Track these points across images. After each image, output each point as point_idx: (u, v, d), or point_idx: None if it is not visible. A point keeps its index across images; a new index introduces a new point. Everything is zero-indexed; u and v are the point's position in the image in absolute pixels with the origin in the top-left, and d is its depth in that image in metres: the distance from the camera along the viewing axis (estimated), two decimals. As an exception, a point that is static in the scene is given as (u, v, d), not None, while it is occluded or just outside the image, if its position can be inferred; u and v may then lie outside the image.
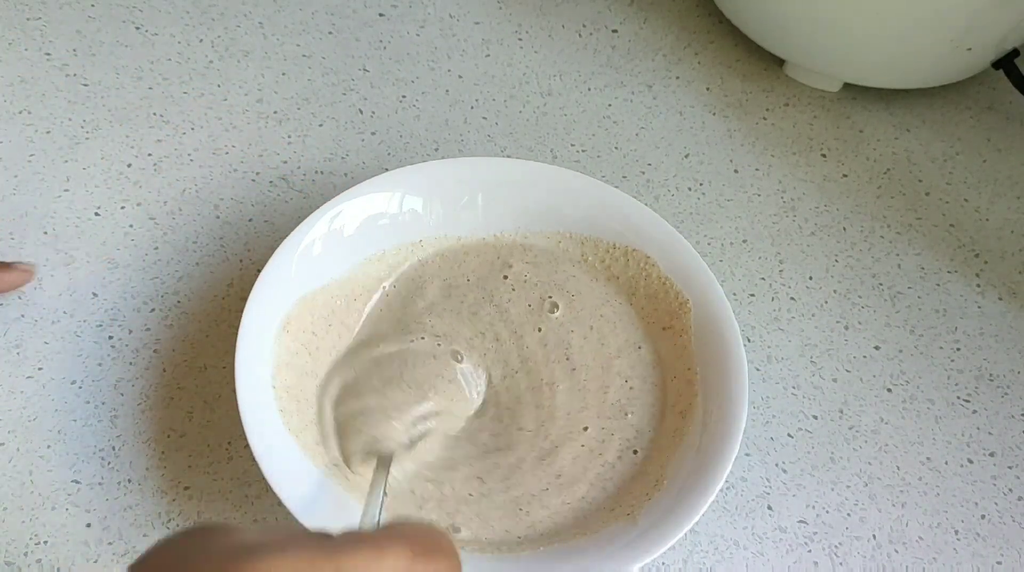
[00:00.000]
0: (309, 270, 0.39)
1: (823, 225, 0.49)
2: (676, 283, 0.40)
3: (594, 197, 0.42)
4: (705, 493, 0.34)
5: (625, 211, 0.42)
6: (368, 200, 0.41)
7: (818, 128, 0.53)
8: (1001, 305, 0.47)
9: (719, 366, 0.38)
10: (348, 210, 0.40)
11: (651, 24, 0.57)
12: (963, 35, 0.48)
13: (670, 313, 0.40)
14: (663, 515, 0.34)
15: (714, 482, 0.34)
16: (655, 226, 0.41)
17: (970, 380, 0.44)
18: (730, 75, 0.55)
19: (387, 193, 0.41)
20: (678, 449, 0.37)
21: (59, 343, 0.42)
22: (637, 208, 0.42)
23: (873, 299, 0.47)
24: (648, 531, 0.34)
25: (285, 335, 0.38)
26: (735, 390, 0.37)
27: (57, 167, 0.47)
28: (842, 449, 0.42)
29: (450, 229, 0.43)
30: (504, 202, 0.43)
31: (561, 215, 0.43)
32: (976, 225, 0.50)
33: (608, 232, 0.42)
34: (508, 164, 0.43)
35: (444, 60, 0.54)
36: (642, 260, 0.41)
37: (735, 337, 0.38)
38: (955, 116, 0.55)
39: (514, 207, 0.43)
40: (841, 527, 0.40)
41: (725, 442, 0.35)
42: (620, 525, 0.35)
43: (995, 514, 0.41)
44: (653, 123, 0.53)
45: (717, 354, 0.38)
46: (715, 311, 0.39)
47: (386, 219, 0.42)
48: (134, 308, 0.43)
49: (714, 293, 0.39)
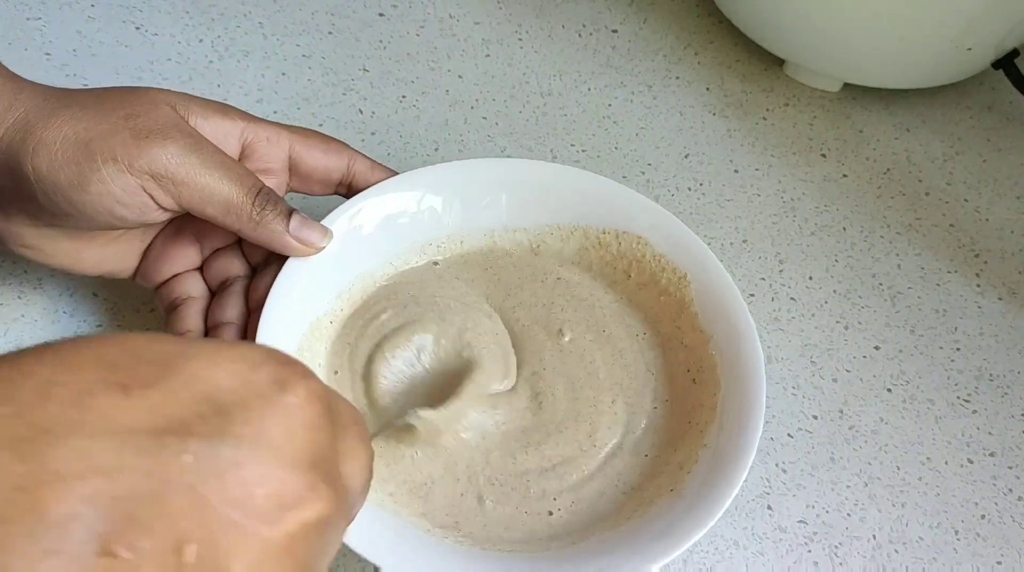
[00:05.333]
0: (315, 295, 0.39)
1: (823, 225, 0.49)
2: (671, 259, 0.40)
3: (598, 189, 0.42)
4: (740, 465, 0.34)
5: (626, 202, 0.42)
6: (390, 199, 0.41)
7: (818, 128, 0.53)
8: (1001, 305, 0.47)
9: (728, 331, 0.38)
10: (367, 208, 0.40)
11: (651, 24, 0.57)
12: (963, 35, 0.48)
13: (666, 287, 0.41)
14: (702, 485, 0.34)
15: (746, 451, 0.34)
16: (641, 204, 0.41)
17: (970, 380, 0.44)
18: (730, 75, 0.55)
19: (407, 192, 0.41)
20: (701, 422, 0.37)
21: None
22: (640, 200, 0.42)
23: (873, 299, 0.47)
24: (694, 504, 0.33)
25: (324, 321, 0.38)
26: (749, 352, 0.37)
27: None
28: (842, 449, 0.42)
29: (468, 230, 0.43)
30: (528, 203, 0.42)
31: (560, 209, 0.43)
32: (976, 225, 0.50)
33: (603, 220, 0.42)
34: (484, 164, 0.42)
35: (444, 60, 0.54)
36: (634, 240, 0.41)
37: (738, 302, 0.38)
38: (955, 116, 0.55)
39: (538, 208, 0.42)
40: (841, 527, 0.40)
41: (748, 406, 0.35)
42: (665, 501, 0.35)
43: (995, 514, 0.41)
44: (653, 123, 0.53)
45: (724, 320, 0.38)
46: (712, 274, 0.39)
47: (406, 218, 0.41)
48: (134, 309, 0.43)
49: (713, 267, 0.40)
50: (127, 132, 0.33)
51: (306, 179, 0.39)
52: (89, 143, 0.32)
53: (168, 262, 0.38)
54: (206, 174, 0.34)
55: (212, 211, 0.34)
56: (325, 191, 0.40)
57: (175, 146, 0.33)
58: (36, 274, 0.43)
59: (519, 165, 0.43)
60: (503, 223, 0.42)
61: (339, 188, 0.40)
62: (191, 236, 0.39)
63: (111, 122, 0.33)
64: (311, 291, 0.38)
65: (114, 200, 0.33)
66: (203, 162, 0.34)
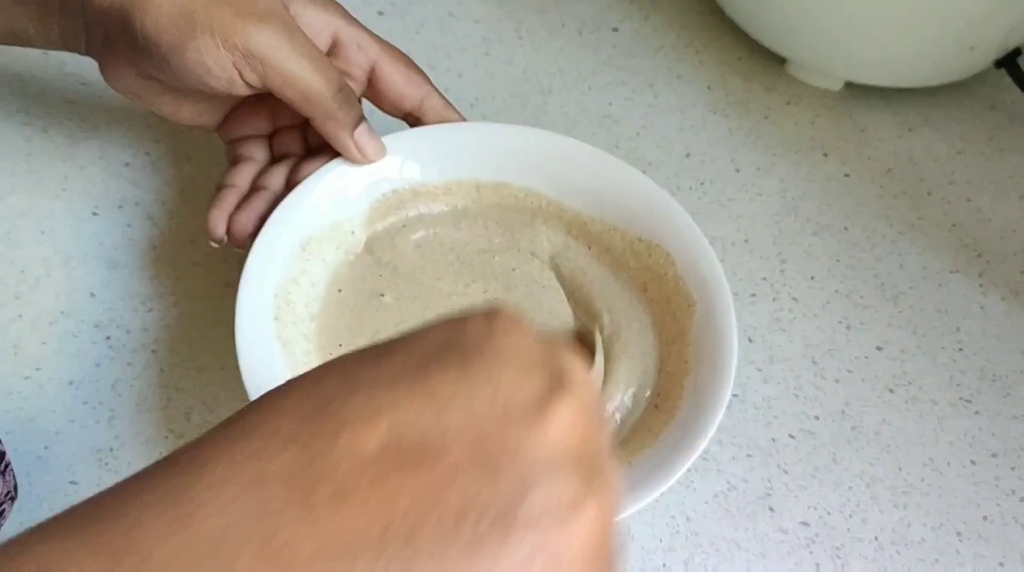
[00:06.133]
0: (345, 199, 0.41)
1: (825, 225, 0.49)
2: (688, 285, 0.40)
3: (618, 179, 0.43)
4: (692, 447, 0.35)
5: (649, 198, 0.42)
6: (418, 146, 0.42)
7: (820, 127, 0.53)
8: (1004, 305, 0.47)
9: (709, 366, 0.38)
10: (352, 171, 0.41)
11: (652, 22, 0.57)
12: (966, 34, 0.48)
13: (675, 311, 0.40)
14: (653, 467, 0.35)
15: (700, 439, 0.35)
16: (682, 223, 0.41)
17: (973, 381, 0.44)
18: (731, 74, 0.55)
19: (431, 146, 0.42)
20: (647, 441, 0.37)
21: (56, 343, 0.41)
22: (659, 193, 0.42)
23: (875, 299, 0.47)
24: (639, 479, 0.34)
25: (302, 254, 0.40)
26: (725, 354, 0.37)
27: (55, 166, 0.47)
28: (844, 450, 0.42)
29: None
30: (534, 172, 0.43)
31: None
32: (979, 225, 0.50)
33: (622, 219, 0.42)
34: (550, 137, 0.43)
35: (444, 59, 0.54)
36: (663, 257, 0.41)
37: (732, 342, 0.38)
38: (958, 115, 0.55)
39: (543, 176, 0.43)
40: (843, 528, 0.39)
41: (713, 400, 0.36)
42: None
43: (998, 515, 0.40)
44: (654, 122, 0.52)
45: (710, 355, 0.38)
46: (719, 310, 0.39)
47: (422, 172, 0.42)
48: (132, 308, 0.43)
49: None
50: (229, 9, 0.36)
51: (379, 96, 0.42)
52: (193, 13, 0.36)
53: (244, 125, 0.42)
54: (293, 61, 0.37)
55: (292, 95, 0.37)
56: (393, 113, 0.43)
57: (270, 29, 0.36)
58: (33, 274, 0.43)
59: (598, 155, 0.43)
60: (547, 198, 0.43)
61: (407, 117, 0.43)
62: (267, 108, 0.42)
63: None
64: (344, 193, 0.41)
65: (206, 69, 0.36)
66: (293, 49, 0.37)
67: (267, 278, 0.38)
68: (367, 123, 0.40)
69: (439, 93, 0.42)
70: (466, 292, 0.41)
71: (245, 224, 0.39)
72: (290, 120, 0.42)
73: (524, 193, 0.43)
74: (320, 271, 0.40)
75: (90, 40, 0.39)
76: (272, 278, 0.38)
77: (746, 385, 0.43)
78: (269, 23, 0.36)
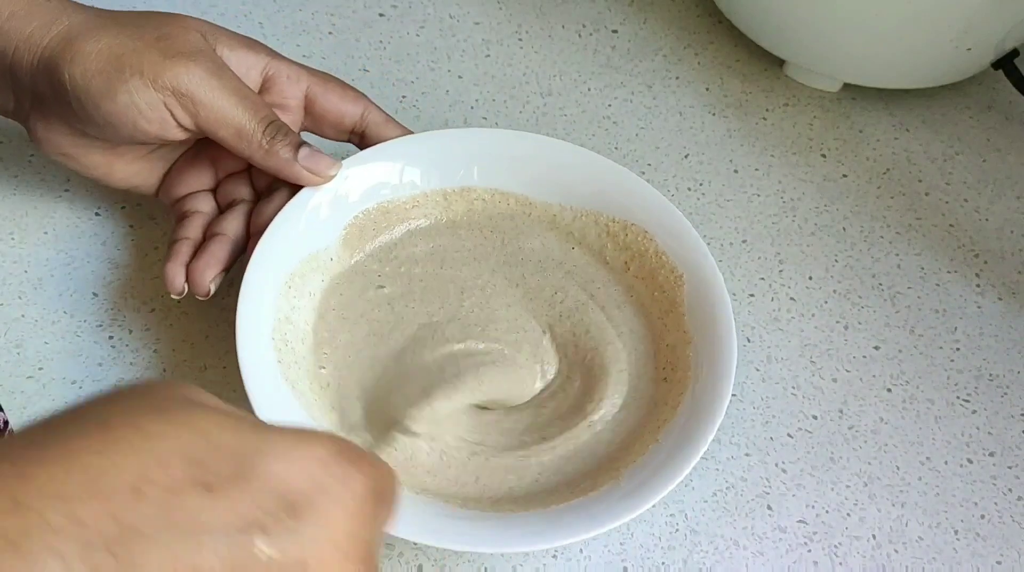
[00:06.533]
0: (317, 230, 0.40)
1: (823, 225, 0.49)
2: (671, 258, 0.41)
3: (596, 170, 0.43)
4: (689, 457, 0.35)
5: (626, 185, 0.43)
6: (374, 167, 0.42)
7: (818, 128, 0.53)
8: (1001, 305, 0.47)
9: (710, 335, 0.39)
10: (354, 175, 0.41)
11: (651, 24, 0.57)
12: (963, 35, 0.48)
13: (662, 284, 0.41)
14: (647, 477, 0.35)
15: (700, 444, 0.35)
16: (654, 200, 0.42)
17: (970, 380, 0.44)
18: (730, 75, 0.55)
19: (390, 162, 0.42)
20: (667, 415, 0.38)
21: (59, 343, 0.42)
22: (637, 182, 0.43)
23: (873, 299, 0.47)
24: (631, 493, 0.35)
25: (288, 292, 0.39)
26: (724, 356, 0.38)
27: (57, 167, 0.47)
28: (842, 449, 0.42)
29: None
30: (504, 173, 0.43)
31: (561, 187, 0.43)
32: (976, 225, 0.50)
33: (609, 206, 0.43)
34: (509, 136, 0.44)
35: (444, 60, 0.54)
36: (640, 234, 0.42)
37: (726, 307, 0.39)
38: (955, 116, 0.55)
39: (517, 180, 0.43)
40: (841, 527, 0.40)
41: (712, 406, 0.36)
42: (605, 488, 0.36)
43: (995, 514, 0.41)
44: (653, 123, 0.53)
45: (709, 324, 0.39)
46: (707, 278, 0.40)
47: (387, 189, 0.42)
48: (134, 308, 0.43)
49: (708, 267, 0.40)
50: (156, 51, 0.36)
51: (319, 120, 0.42)
52: (121, 57, 0.36)
53: (185, 181, 0.42)
54: (223, 98, 0.37)
55: (225, 134, 0.37)
56: (337, 136, 0.43)
57: (199, 69, 0.37)
58: (36, 274, 0.43)
59: (551, 144, 0.44)
60: (515, 197, 0.44)
61: (351, 136, 0.43)
62: (208, 160, 0.42)
63: (144, 40, 0.36)
64: (315, 224, 0.40)
65: (138, 111, 0.36)
66: (222, 87, 0.37)
67: (261, 323, 0.38)
68: (309, 145, 0.39)
69: (379, 108, 0.42)
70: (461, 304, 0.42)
71: (203, 270, 0.39)
72: (234, 167, 0.42)
73: (491, 194, 0.44)
74: (307, 304, 0.40)
75: (18, 104, 0.39)
76: (266, 322, 0.38)
77: (744, 384, 0.43)
78: (198, 62, 0.37)
